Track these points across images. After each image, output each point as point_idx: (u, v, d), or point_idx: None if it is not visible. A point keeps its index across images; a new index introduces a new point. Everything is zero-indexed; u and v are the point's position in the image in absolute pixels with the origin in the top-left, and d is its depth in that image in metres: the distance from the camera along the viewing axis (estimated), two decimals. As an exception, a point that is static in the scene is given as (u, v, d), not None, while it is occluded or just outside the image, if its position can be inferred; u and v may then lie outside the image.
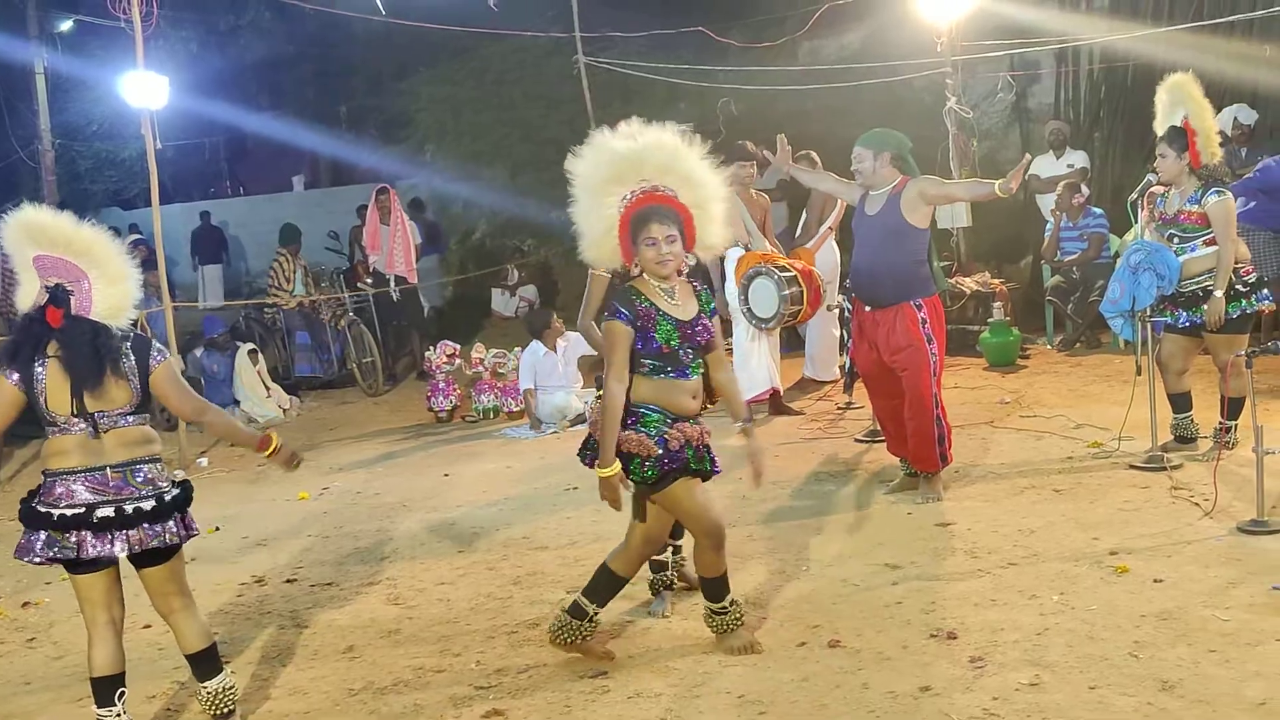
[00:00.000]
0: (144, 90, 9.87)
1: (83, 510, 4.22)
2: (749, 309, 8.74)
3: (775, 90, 13.48)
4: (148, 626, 5.87)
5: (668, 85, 14.20)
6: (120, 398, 4.31)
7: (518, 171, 16.41)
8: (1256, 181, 9.44)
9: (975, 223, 12.16)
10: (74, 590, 4.40)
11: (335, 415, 11.91)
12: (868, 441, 8.15)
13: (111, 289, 4.36)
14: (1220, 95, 10.06)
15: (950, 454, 6.85)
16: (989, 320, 10.88)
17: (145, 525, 4.26)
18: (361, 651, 5.32)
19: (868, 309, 6.83)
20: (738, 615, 4.88)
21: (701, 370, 4.73)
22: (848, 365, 9.35)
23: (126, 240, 16.17)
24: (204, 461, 9.79)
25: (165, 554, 4.40)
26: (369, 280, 13.17)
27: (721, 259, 9.15)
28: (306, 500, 8.30)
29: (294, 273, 13.27)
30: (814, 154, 9.64)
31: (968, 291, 11.40)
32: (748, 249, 8.96)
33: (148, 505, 4.29)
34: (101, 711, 4.38)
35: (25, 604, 6.50)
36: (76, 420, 4.26)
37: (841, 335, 9.67)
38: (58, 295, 4.25)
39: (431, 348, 11.19)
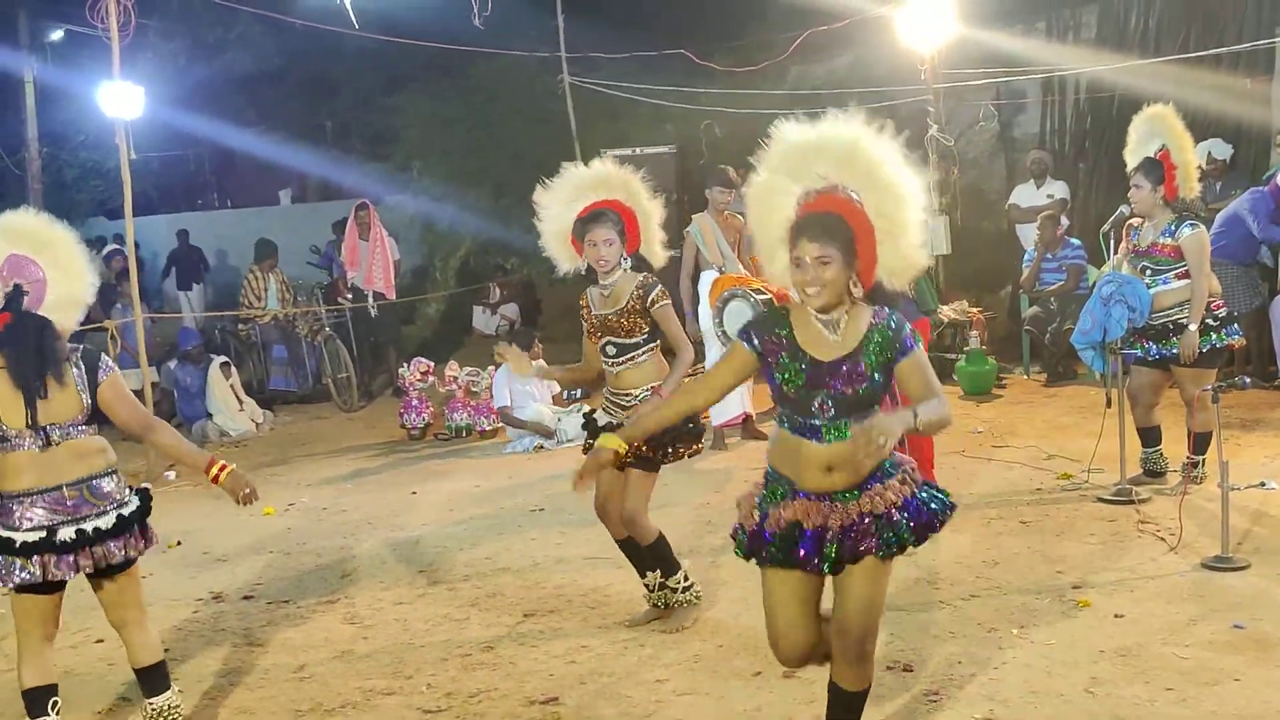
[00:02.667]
0: (120, 100, 9.81)
1: (44, 534, 4.11)
2: (724, 332, 8.67)
3: (760, 114, 13.44)
4: (100, 641, 5.81)
5: (653, 107, 14.20)
6: (70, 408, 4.21)
7: (502, 190, 16.37)
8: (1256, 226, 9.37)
9: (955, 250, 12.12)
10: (12, 605, 4.32)
11: (308, 430, 11.83)
12: (838, 468, 8.09)
13: (65, 286, 4.33)
14: (1202, 129, 10.06)
15: None
16: (965, 349, 10.86)
17: (108, 542, 4.17)
18: (313, 671, 5.25)
19: None
20: None
21: (849, 435, 3.58)
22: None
23: (105, 250, 16.14)
24: (172, 475, 9.69)
25: (123, 565, 4.31)
26: (348, 296, 13.13)
27: (695, 281, 9.13)
28: (272, 516, 8.23)
29: (265, 289, 13.24)
30: None
31: (945, 320, 11.36)
32: (722, 271, 8.92)
33: (107, 523, 4.18)
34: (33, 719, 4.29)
35: (-23, 616, 6.42)
36: (29, 434, 4.15)
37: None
38: (12, 298, 4.19)
39: (406, 365, 11.14)
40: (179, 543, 7.53)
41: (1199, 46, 11.78)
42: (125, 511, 4.25)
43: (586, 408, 5.81)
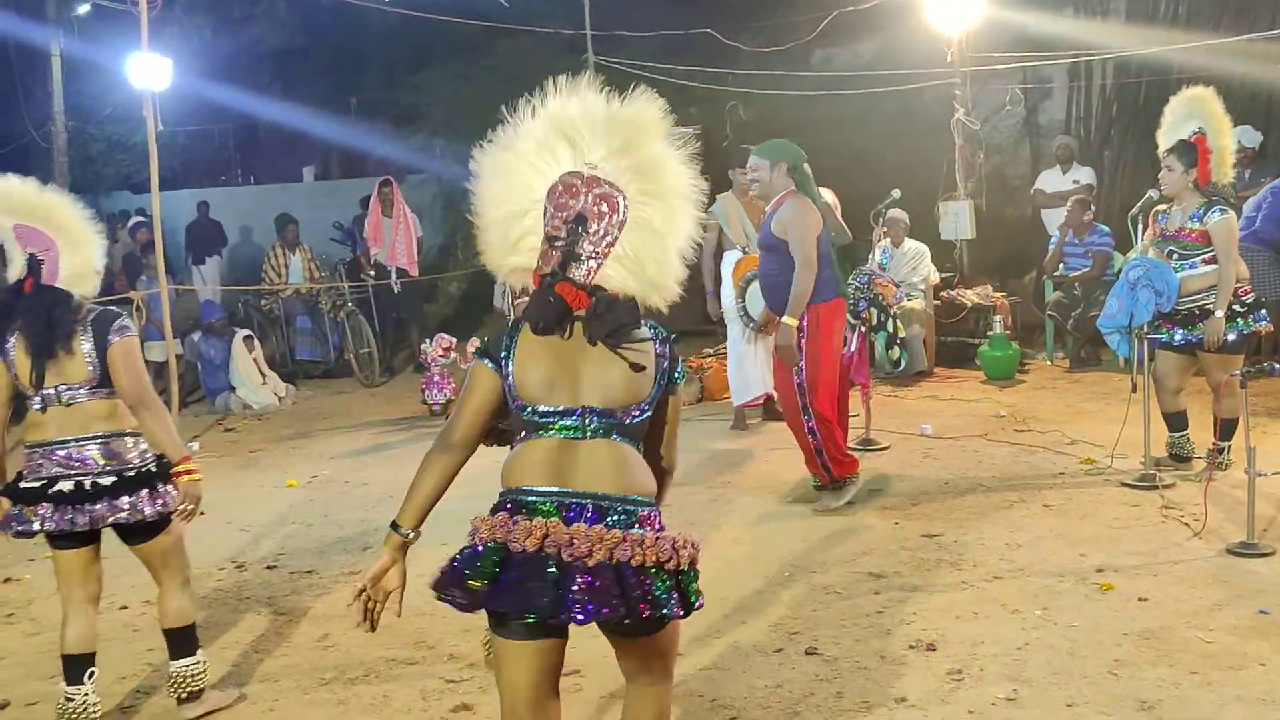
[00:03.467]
0: (147, 72, 9.84)
1: (43, 484, 4.23)
2: (745, 312, 8.67)
3: (786, 96, 13.43)
4: (124, 608, 5.87)
5: (678, 88, 14.13)
6: (79, 373, 4.29)
7: (526, 170, 16.32)
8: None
9: (980, 235, 12.09)
10: (53, 564, 4.40)
11: (330, 405, 11.86)
12: (860, 450, 8.09)
13: (75, 255, 4.39)
14: (1232, 116, 9.98)
15: (836, 469, 6.76)
16: (988, 333, 10.82)
17: (107, 500, 4.22)
18: (336, 640, 5.28)
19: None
20: None
21: None
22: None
23: (130, 223, 16.16)
24: (195, 446, 9.74)
25: (150, 530, 4.36)
26: (371, 272, 13.16)
27: (718, 261, 9.10)
28: (294, 488, 8.26)
29: (285, 265, 13.30)
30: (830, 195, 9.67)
31: (968, 304, 11.34)
32: (745, 252, 8.90)
33: (107, 480, 4.25)
34: (70, 690, 4.34)
35: (6, 580, 6.49)
36: (40, 392, 4.28)
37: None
38: (32, 265, 4.30)
39: (428, 341, 11.16)
40: (202, 513, 7.52)
41: (1231, 32, 11.67)
42: (129, 473, 4.28)
43: None
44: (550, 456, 3.04)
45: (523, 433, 3.12)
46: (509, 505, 3.04)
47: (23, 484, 4.27)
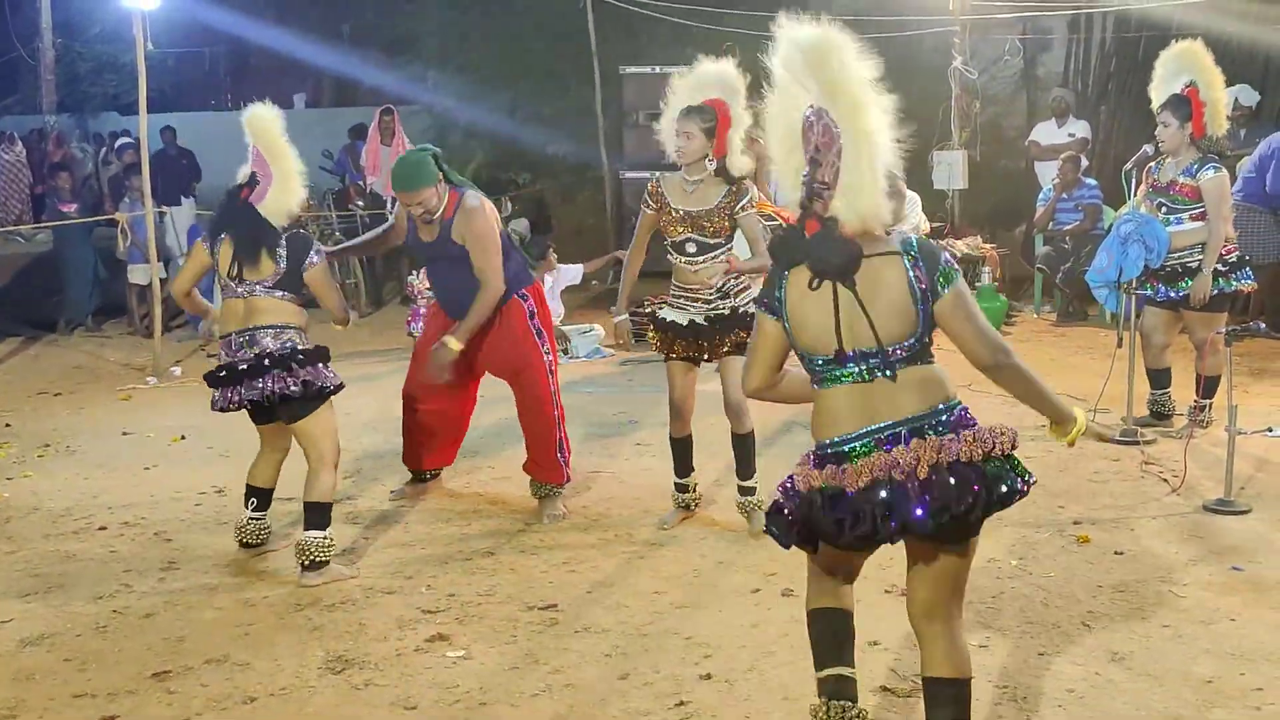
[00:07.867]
0: (138, -11, 9.70)
1: (228, 366, 5.11)
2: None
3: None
4: (103, 529, 5.88)
5: (674, 26, 14.02)
6: (265, 273, 5.12)
7: (519, 104, 16.22)
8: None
9: (972, 186, 12.05)
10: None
11: (316, 334, 11.63)
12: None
13: (280, 192, 5.15)
14: (1229, 74, 9.94)
15: (569, 468, 6.07)
16: (976, 285, 10.82)
17: (248, 382, 5.05)
18: (313, 568, 5.29)
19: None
20: None
21: None
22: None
23: (118, 144, 15.77)
24: (177, 370, 9.73)
25: (300, 410, 5.15)
26: (360, 203, 13.05)
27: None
28: (276, 416, 8.23)
29: None
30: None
31: (957, 254, 11.31)
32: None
33: (243, 367, 5.07)
34: (248, 514, 5.44)
35: (-17, 498, 6.48)
36: (229, 284, 5.13)
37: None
38: (251, 181, 5.15)
39: (415, 273, 11.09)
40: (183, 437, 7.57)
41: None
42: (286, 355, 5.09)
43: (621, 316, 5.82)
44: (850, 401, 3.13)
45: (815, 382, 3.22)
46: (831, 457, 3.13)
47: (216, 371, 5.18)
